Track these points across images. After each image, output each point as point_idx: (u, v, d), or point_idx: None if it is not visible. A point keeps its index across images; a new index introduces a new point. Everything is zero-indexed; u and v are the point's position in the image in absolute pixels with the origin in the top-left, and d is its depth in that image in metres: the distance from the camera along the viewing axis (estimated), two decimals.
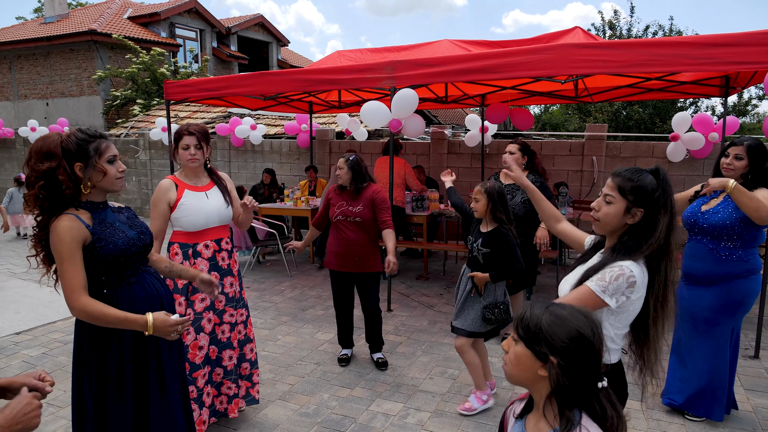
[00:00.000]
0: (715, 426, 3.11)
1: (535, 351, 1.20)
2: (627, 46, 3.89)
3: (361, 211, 3.81)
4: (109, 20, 16.34)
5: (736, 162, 2.95)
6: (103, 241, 1.95)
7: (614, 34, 16.09)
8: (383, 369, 3.95)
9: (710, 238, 2.99)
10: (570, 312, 1.21)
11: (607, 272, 1.69)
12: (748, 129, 16.95)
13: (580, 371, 1.16)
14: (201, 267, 2.93)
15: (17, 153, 14.02)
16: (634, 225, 1.74)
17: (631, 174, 1.75)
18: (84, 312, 1.89)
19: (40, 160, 1.88)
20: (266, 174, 8.22)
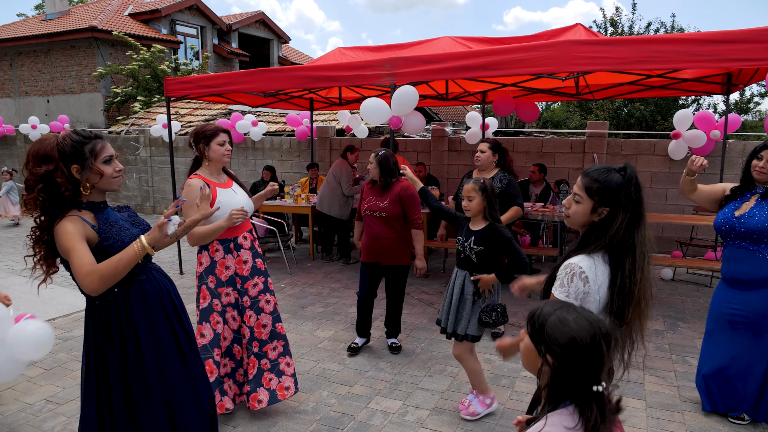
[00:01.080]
0: (715, 424, 3.10)
1: (537, 347, 1.30)
2: (628, 43, 3.87)
3: (387, 207, 3.89)
4: (109, 17, 16.33)
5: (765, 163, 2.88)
6: (110, 239, 1.96)
7: (616, 31, 16.04)
8: (395, 353, 4.14)
9: (749, 241, 2.93)
10: (575, 317, 1.27)
11: (563, 276, 1.77)
12: (750, 127, 16.91)
13: (571, 374, 1.24)
14: (246, 258, 3.10)
15: (18, 150, 14.03)
16: (599, 222, 1.81)
17: (598, 174, 1.80)
18: (97, 277, 1.85)
19: (37, 164, 1.90)
20: (266, 171, 8.20)
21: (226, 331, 3.11)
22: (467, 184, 3.10)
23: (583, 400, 1.25)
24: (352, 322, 4.85)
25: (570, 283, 1.74)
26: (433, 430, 3.06)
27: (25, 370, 3.84)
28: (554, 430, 1.25)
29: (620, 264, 1.76)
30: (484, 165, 4.53)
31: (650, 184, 7.42)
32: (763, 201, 2.91)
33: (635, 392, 3.51)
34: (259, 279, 3.18)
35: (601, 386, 1.24)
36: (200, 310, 3.05)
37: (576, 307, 1.32)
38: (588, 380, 1.24)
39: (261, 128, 9.45)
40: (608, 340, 1.26)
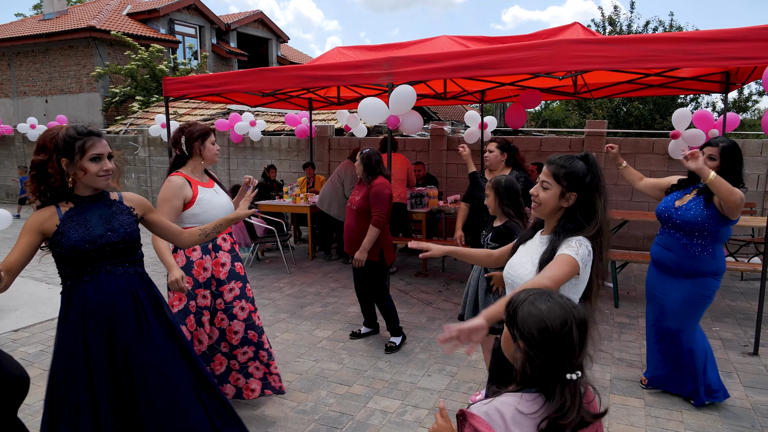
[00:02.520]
0: (713, 422, 3.11)
1: (511, 332, 1.31)
2: (626, 42, 3.87)
3: (358, 201, 4.14)
4: (108, 17, 16.31)
5: (709, 162, 3.05)
6: (59, 235, 2.01)
7: (614, 30, 16.03)
8: (387, 352, 4.16)
9: (683, 233, 3.14)
10: (549, 304, 1.26)
11: (571, 242, 1.83)
12: (749, 125, 16.92)
13: (540, 359, 1.23)
14: (224, 260, 3.10)
15: (16, 150, 14.01)
16: (569, 208, 1.90)
17: (563, 161, 1.92)
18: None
19: (36, 152, 2.03)
20: (272, 169, 8.24)
21: (201, 334, 3.06)
22: (488, 185, 3.23)
23: (551, 386, 1.22)
24: (351, 322, 4.86)
25: (579, 247, 1.81)
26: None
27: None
28: (504, 408, 1.23)
29: (600, 244, 1.87)
30: (494, 164, 4.49)
31: None
32: (699, 196, 3.10)
33: (634, 391, 3.52)
34: (236, 284, 3.14)
35: (575, 374, 1.22)
36: (176, 313, 2.95)
37: (552, 293, 1.31)
38: (560, 367, 1.22)
39: (259, 128, 9.44)
40: (582, 327, 1.25)
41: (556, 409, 1.20)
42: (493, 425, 1.22)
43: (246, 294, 3.20)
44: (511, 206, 3.15)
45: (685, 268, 3.15)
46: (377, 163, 4.13)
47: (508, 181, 3.16)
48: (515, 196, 3.16)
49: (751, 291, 5.83)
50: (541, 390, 1.25)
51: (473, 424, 1.22)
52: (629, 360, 3.98)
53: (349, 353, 4.17)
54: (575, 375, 1.23)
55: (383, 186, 4.07)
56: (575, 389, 1.23)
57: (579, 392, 1.24)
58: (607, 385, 3.60)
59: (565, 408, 1.20)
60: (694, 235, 3.08)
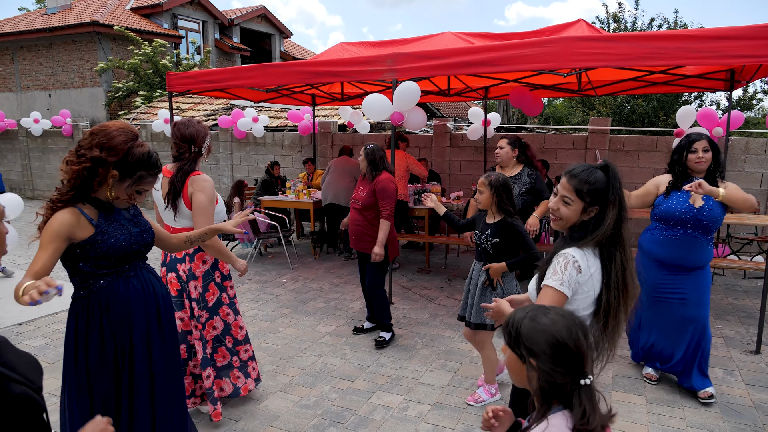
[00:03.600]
0: (715, 419, 3.12)
1: (517, 354, 1.29)
2: (631, 39, 3.86)
3: (363, 197, 4.15)
4: (111, 11, 16.29)
5: (706, 154, 3.15)
6: (105, 235, 1.99)
7: (619, 27, 15.98)
8: (377, 347, 4.17)
9: (702, 231, 3.18)
10: (551, 318, 1.27)
11: (556, 265, 1.79)
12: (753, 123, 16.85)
13: (557, 372, 1.23)
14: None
15: (20, 144, 14.03)
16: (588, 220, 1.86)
17: (587, 176, 1.83)
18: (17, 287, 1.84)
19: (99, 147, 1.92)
20: (276, 166, 8.25)
21: (240, 321, 3.23)
22: (480, 178, 3.23)
23: (571, 396, 1.24)
24: (354, 317, 4.87)
25: (564, 270, 1.77)
26: (434, 425, 3.08)
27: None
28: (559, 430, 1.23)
29: (612, 258, 1.80)
30: (505, 161, 4.49)
31: None
32: None
33: (636, 388, 3.52)
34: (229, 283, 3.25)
35: (588, 379, 1.24)
36: (210, 307, 3.07)
37: (546, 307, 1.32)
38: (574, 375, 1.23)
39: (263, 123, 9.44)
40: (585, 330, 1.27)
41: (580, 417, 1.21)
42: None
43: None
44: (511, 204, 3.16)
45: (697, 263, 3.24)
46: (381, 159, 4.13)
47: (506, 179, 3.18)
48: (511, 194, 3.19)
49: (754, 289, 5.83)
50: (561, 401, 1.26)
51: None
52: (629, 358, 3.98)
53: (352, 348, 4.18)
54: (588, 379, 1.24)
55: (389, 181, 4.08)
56: (590, 393, 1.25)
57: (594, 396, 1.25)
58: (609, 382, 3.61)
59: (587, 414, 1.21)
60: (710, 232, 3.18)
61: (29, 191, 14.21)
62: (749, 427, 3.04)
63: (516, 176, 4.50)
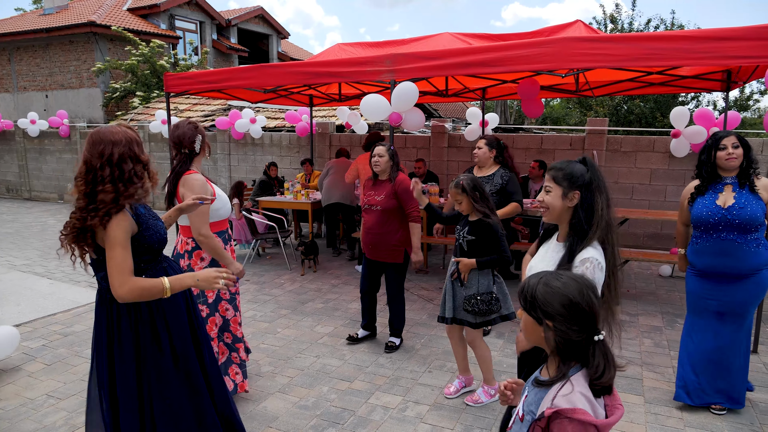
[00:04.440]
0: (714, 420, 3.13)
1: (534, 316, 1.38)
2: (628, 40, 3.87)
3: (382, 200, 3.96)
4: (108, 12, 16.26)
5: (736, 150, 2.97)
6: (150, 230, 2.07)
7: (616, 27, 16.02)
8: (387, 351, 4.11)
9: (738, 232, 2.97)
10: (563, 281, 1.37)
11: (586, 271, 1.87)
12: (750, 124, 16.92)
13: (573, 330, 1.32)
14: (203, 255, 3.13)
15: (17, 145, 13.99)
16: (575, 208, 1.98)
17: (561, 164, 2.02)
18: (134, 290, 1.94)
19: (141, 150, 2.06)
20: (273, 167, 8.23)
21: (239, 318, 3.27)
22: (450, 190, 3.22)
23: (588, 353, 1.33)
24: (352, 318, 4.87)
25: (595, 275, 1.87)
26: (432, 425, 3.08)
27: (26, 366, 3.86)
28: (584, 390, 1.31)
29: (609, 241, 1.94)
30: (482, 161, 4.52)
31: (650, 181, 7.43)
32: (742, 189, 2.98)
33: (634, 388, 3.53)
34: None
35: (601, 335, 1.33)
36: (210, 303, 3.12)
37: (556, 272, 1.43)
38: (589, 332, 1.33)
39: (260, 123, 9.43)
40: (595, 291, 1.37)
41: (595, 372, 1.31)
42: (587, 409, 1.28)
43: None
44: (485, 203, 3.17)
45: (743, 270, 2.99)
46: (398, 160, 4.06)
47: (473, 180, 3.18)
48: (483, 192, 3.19)
49: None
50: (579, 360, 1.35)
51: (577, 417, 1.25)
52: (629, 357, 4.00)
53: (351, 349, 4.18)
54: (601, 335, 1.33)
55: (406, 180, 3.96)
56: (605, 348, 1.34)
57: (609, 350, 1.35)
58: None
59: (602, 368, 1.31)
60: (751, 232, 2.95)
61: (26, 192, 14.17)
62: (747, 427, 3.05)
63: (489, 176, 4.49)
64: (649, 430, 3.03)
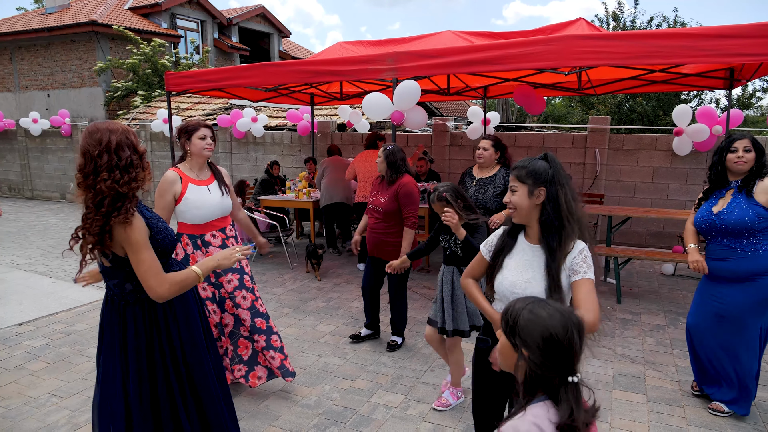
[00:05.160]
0: (716, 419, 3.12)
1: (511, 342, 1.33)
2: (631, 38, 3.85)
3: (385, 202, 3.95)
4: (109, 11, 16.27)
5: (747, 154, 2.94)
6: (161, 233, 2.04)
7: (618, 25, 15.98)
8: (389, 351, 4.11)
9: (731, 237, 2.98)
10: (549, 312, 1.29)
11: (586, 258, 1.90)
12: (752, 122, 16.87)
13: (546, 367, 1.26)
14: None
15: (18, 144, 14.01)
16: (542, 204, 1.95)
17: (524, 163, 1.99)
18: (176, 284, 1.97)
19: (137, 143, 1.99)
20: (276, 165, 8.23)
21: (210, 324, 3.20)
22: (434, 204, 3.05)
23: (558, 391, 1.26)
24: (354, 317, 4.87)
25: (591, 263, 1.90)
26: (435, 424, 3.08)
27: (28, 365, 3.86)
28: (538, 420, 1.25)
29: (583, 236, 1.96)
30: (488, 162, 4.48)
31: (652, 180, 7.41)
32: (740, 193, 2.96)
33: (636, 387, 3.53)
34: (234, 276, 3.24)
35: (576, 377, 1.27)
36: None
37: (547, 301, 1.35)
38: (563, 371, 1.26)
39: (262, 122, 9.43)
40: (580, 330, 1.29)
41: (567, 414, 1.24)
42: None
43: (245, 285, 3.27)
44: (465, 207, 3.03)
45: (740, 274, 2.98)
46: (402, 161, 3.95)
47: (453, 189, 3.03)
48: (465, 198, 3.06)
49: None
50: (548, 395, 1.28)
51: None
52: (632, 356, 3.99)
53: (353, 348, 4.18)
54: (576, 377, 1.27)
55: (413, 185, 3.91)
56: (577, 391, 1.27)
57: (580, 393, 1.28)
58: (610, 381, 3.61)
59: (573, 411, 1.24)
60: (745, 236, 2.93)
61: (28, 191, 14.19)
62: (750, 426, 3.05)
63: (491, 177, 4.45)
64: (652, 428, 3.02)
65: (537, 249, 1.97)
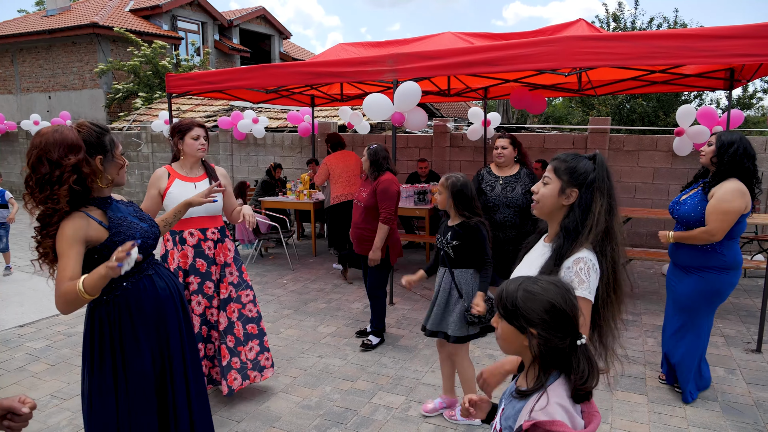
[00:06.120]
0: (716, 418, 3.12)
1: (516, 325, 1.32)
2: (631, 39, 3.86)
3: (365, 197, 4.11)
4: (110, 13, 16.31)
5: (707, 148, 3.13)
6: (122, 235, 1.94)
7: (618, 26, 15.98)
8: (362, 349, 4.15)
9: (685, 228, 3.15)
10: (542, 286, 1.32)
11: (580, 272, 1.69)
12: (753, 122, 16.86)
13: (557, 337, 1.28)
14: (188, 254, 3.13)
15: (20, 146, 14.04)
16: (570, 207, 1.77)
17: (566, 157, 1.81)
18: (60, 297, 1.78)
19: (65, 154, 1.80)
20: (279, 168, 8.23)
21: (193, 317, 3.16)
22: (441, 179, 3.08)
23: (571, 359, 1.28)
24: (355, 318, 4.87)
25: (588, 278, 1.69)
26: (435, 425, 3.08)
27: (30, 366, 3.87)
28: (562, 401, 1.27)
29: (603, 253, 1.73)
30: (508, 161, 4.43)
31: (652, 180, 7.41)
32: (701, 189, 3.13)
33: (637, 387, 3.53)
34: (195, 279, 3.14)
35: (583, 339, 1.29)
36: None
37: (533, 277, 1.37)
38: (572, 337, 1.28)
39: (262, 122, 9.44)
40: (572, 293, 1.33)
41: (580, 378, 1.27)
42: (566, 420, 1.25)
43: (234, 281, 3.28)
44: (466, 208, 3.00)
45: (691, 263, 3.16)
46: (384, 159, 4.10)
47: (464, 184, 3.01)
48: (469, 198, 3.00)
49: (755, 288, 5.82)
50: (560, 368, 1.31)
51: (556, 429, 1.22)
52: (632, 357, 3.99)
53: (353, 349, 4.18)
54: (583, 339, 1.29)
55: (390, 182, 4.03)
56: (587, 352, 1.30)
57: (591, 354, 1.31)
58: (610, 381, 3.61)
59: (587, 374, 1.27)
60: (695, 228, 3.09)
61: None
62: (750, 426, 3.04)
63: (515, 176, 4.41)
64: (652, 429, 3.02)
65: (547, 248, 1.83)
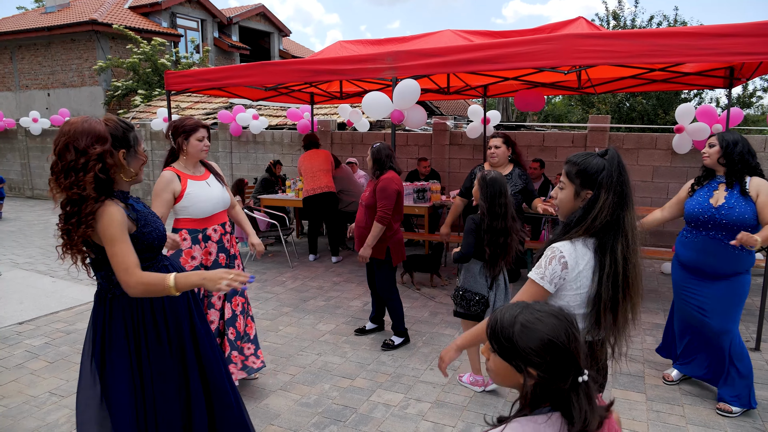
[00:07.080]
0: (715, 417, 3.12)
1: (512, 364, 1.20)
2: (631, 37, 3.85)
3: (367, 196, 4.08)
4: (110, 10, 16.28)
5: (710, 149, 3.07)
6: (149, 227, 2.01)
7: (618, 24, 15.97)
8: (384, 349, 4.11)
9: (726, 233, 2.99)
10: (540, 317, 1.18)
11: (543, 258, 1.72)
12: (752, 121, 16.86)
13: (557, 375, 1.15)
14: (211, 250, 3.17)
15: (19, 144, 14.01)
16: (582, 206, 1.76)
17: (577, 159, 1.79)
18: (143, 284, 1.87)
19: (92, 143, 1.84)
20: (279, 165, 8.22)
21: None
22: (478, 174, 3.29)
23: (570, 397, 1.15)
24: (354, 316, 4.87)
25: (548, 265, 1.69)
26: (434, 422, 3.08)
27: (29, 363, 3.87)
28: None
29: (610, 248, 1.69)
30: (501, 160, 4.44)
31: (652, 178, 7.41)
32: (732, 189, 3.01)
33: (635, 385, 3.53)
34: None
35: (585, 375, 1.17)
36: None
37: (531, 305, 1.23)
38: (572, 374, 1.16)
39: (262, 122, 9.43)
40: (576, 325, 1.20)
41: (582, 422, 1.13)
42: None
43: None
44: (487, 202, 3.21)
45: (724, 270, 3.03)
46: (387, 158, 4.04)
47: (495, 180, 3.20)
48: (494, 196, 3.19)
49: (753, 287, 5.78)
50: (553, 405, 1.18)
51: None
52: (631, 355, 3.99)
53: (352, 347, 4.18)
54: (585, 375, 1.17)
55: (390, 181, 3.96)
56: (588, 390, 1.17)
57: (592, 392, 1.18)
58: (609, 379, 3.62)
59: (587, 415, 1.14)
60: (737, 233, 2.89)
61: (29, 190, 14.19)
62: (749, 424, 3.05)
63: (507, 176, 4.42)
64: (651, 427, 3.03)
65: None
